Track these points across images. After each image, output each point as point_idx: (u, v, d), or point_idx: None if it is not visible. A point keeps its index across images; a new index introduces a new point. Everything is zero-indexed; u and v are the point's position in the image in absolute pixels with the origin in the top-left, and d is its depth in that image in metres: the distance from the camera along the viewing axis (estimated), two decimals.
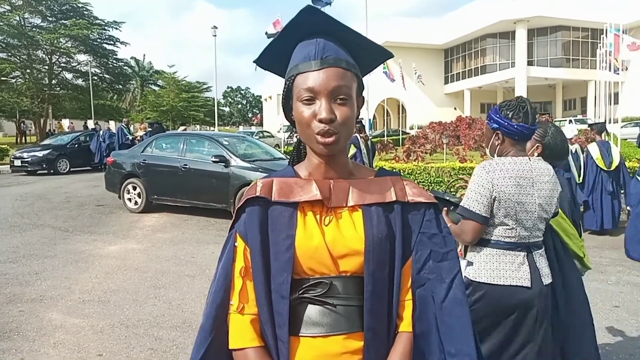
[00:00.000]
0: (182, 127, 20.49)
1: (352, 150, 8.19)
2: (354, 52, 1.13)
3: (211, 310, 1.13)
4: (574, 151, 7.67)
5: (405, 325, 1.10)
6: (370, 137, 9.99)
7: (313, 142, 1.07)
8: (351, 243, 1.08)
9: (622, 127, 16.22)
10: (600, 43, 14.83)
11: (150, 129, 15.65)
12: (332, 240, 1.08)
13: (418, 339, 1.09)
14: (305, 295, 1.09)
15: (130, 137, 17.30)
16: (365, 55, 1.16)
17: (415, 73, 29.28)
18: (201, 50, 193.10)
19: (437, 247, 1.12)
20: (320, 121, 1.03)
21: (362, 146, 8.41)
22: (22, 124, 34.53)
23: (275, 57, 1.17)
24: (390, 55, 1.23)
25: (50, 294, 4.89)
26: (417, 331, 1.09)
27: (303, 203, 1.12)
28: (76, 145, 17.91)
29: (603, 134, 8.08)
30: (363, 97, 1.17)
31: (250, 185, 1.19)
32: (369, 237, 1.08)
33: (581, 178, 7.64)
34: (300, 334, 1.09)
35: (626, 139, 17.15)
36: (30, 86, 33.27)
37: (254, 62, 1.21)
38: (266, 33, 15.56)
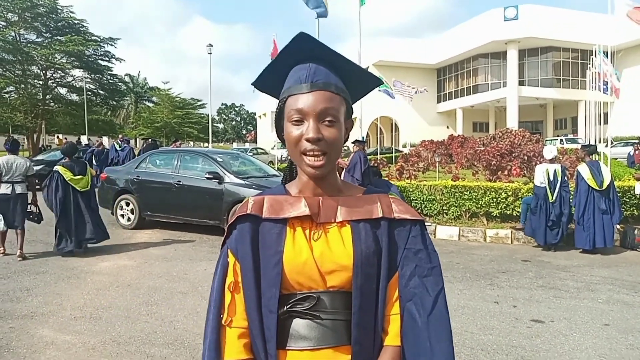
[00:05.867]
0: (175, 143, 20.39)
1: None
2: (344, 78, 1.18)
3: (212, 327, 1.17)
4: (552, 171, 7.80)
5: (391, 339, 1.12)
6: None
7: (301, 162, 1.11)
8: (339, 259, 1.11)
9: (611, 146, 16.40)
10: (589, 64, 15.11)
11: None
12: (321, 256, 1.11)
13: (404, 353, 1.11)
14: (293, 309, 1.12)
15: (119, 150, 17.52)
16: (355, 81, 1.22)
17: (413, 88, 29.43)
18: (197, 66, 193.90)
19: (422, 263, 1.15)
20: (308, 140, 1.08)
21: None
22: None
23: (271, 80, 1.22)
24: (380, 83, 1.28)
25: (41, 310, 4.86)
26: (403, 345, 1.11)
27: (292, 219, 1.15)
28: None
29: (593, 155, 8.21)
30: (352, 121, 1.22)
31: (242, 202, 1.22)
32: (357, 252, 1.11)
33: (553, 197, 7.75)
34: (287, 348, 1.11)
35: (616, 159, 17.35)
36: (24, 101, 33.25)
37: (252, 84, 1.27)
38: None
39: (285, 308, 1.12)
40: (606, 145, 13.13)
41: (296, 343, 1.11)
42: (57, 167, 7.45)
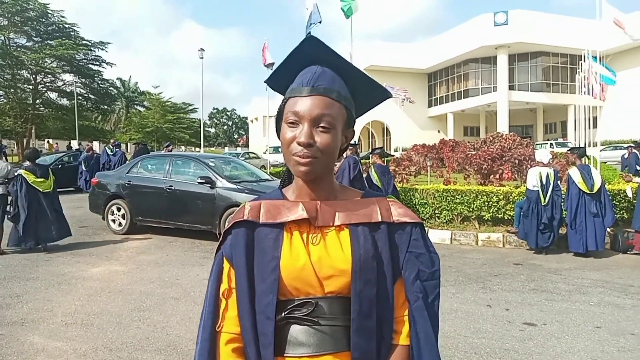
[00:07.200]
0: (167, 147, 20.20)
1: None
2: (352, 87, 1.18)
3: (206, 334, 1.15)
4: (545, 174, 7.86)
5: (403, 339, 1.12)
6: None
7: (292, 163, 1.10)
8: (337, 264, 1.10)
9: (601, 150, 16.57)
10: (579, 68, 15.25)
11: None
12: (318, 261, 1.10)
13: (412, 353, 1.12)
14: (290, 315, 1.10)
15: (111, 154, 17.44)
16: (363, 91, 1.21)
17: (404, 95, 29.56)
18: (188, 70, 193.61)
19: (424, 267, 1.15)
20: (299, 144, 1.07)
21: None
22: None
23: (282, 80, 1.22)
24: (389, 96, 1.28)
25: (31, 317, 4.80)
26: (412, 345, 1.12)
27: (290, 223, 1.14)
28: (60, 166, 17.71)
29: (583, 158, 8.27)
30: (353, 130, 1.21)
31: (239, 208, 1.21)
32: (355, 256, 1.10)
33: (546, 200, 7.82)
34: (286, 355, 1.10)
35: (605, 162, 17.51)
36: (13, 106, 32.97)
37: (265, 82, 1.27)
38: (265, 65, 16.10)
39: (282, 314, 1.11)
40: (575, 146, 13.24)
41: (294, 350, 1.10)
42: (20, 171, 7.88)
